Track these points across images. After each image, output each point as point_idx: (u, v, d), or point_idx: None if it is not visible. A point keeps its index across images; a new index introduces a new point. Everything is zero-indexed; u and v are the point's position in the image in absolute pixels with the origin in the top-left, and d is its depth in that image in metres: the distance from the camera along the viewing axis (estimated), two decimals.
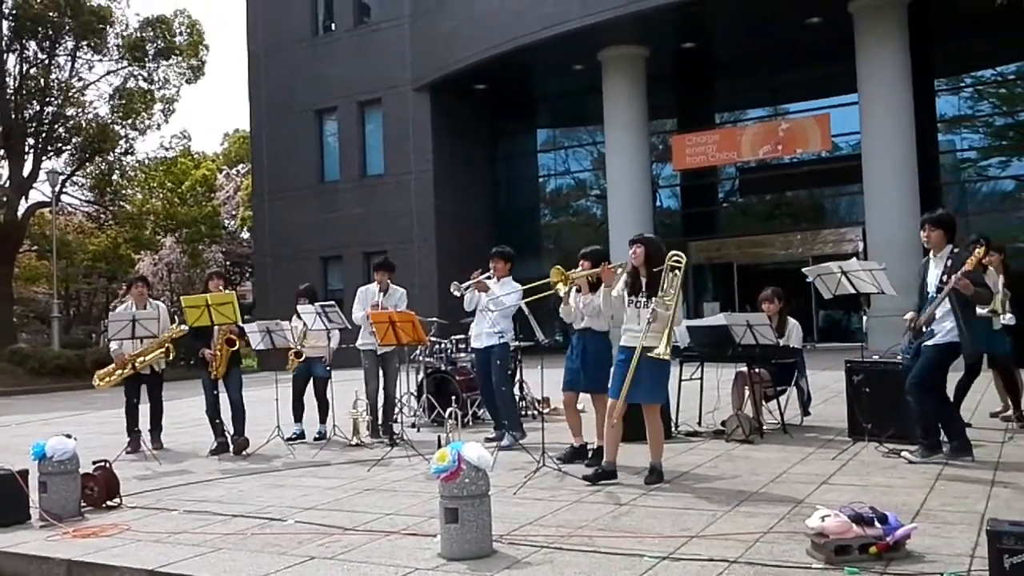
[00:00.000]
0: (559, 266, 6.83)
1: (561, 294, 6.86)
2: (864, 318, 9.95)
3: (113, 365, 9.09)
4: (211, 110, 77.66)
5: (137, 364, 8.94)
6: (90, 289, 38.11)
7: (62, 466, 6.01)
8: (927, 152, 20.98)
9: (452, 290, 8.15)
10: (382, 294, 9.05)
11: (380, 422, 9.00)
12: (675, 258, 6.09)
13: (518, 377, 10.51)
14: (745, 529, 4.77)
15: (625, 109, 22.37)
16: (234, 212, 38.69)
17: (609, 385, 6.30)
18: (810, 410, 8.83)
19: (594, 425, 7.07)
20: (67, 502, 6.01)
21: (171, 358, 9.38)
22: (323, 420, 9.39)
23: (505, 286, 8.14)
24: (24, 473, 6.03)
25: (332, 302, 9.28)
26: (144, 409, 9.24)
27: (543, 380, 7.29)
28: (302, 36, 27.26)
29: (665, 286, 6.06)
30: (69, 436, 6.28)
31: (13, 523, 5.83)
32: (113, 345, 9.15)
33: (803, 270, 7.65)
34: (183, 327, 9.01)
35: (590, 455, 7.00)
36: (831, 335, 22.68)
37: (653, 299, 6.07)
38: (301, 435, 9.33)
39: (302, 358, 9.36)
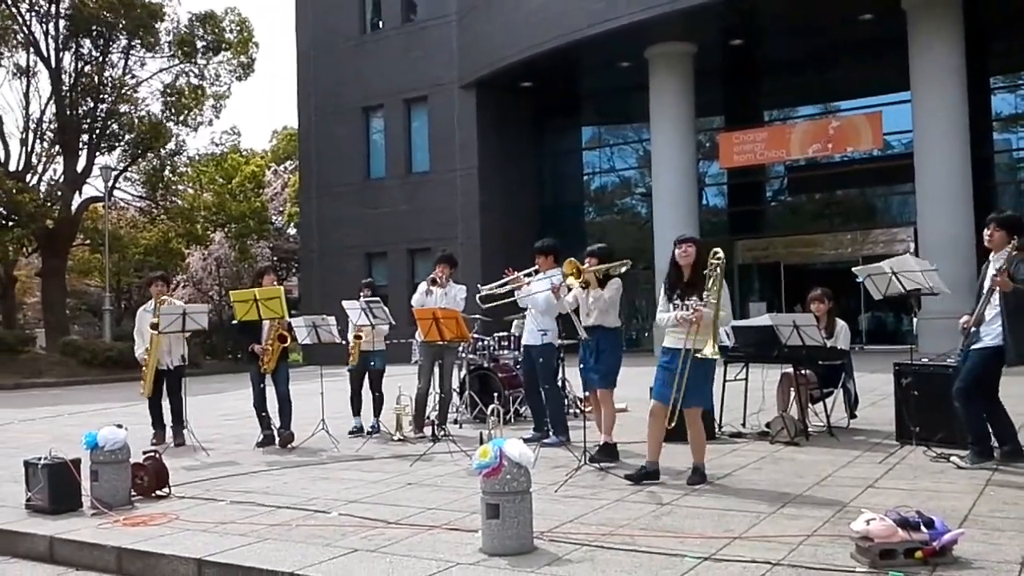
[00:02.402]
0: (573, 259, 6.84)
1: (573, 286, 6.89)
2: (914, 320, 9.79)
3: (143, 371, 9.28)
4: (260, 107, 78.70)
5: (152, 361, 9.11)
6: (141, 283, 38.76)
7: (113, 456, 6.15)
8: (982, 151, 20.57)
9: (482, 297, 8.19)
10: (439, 289, 9.03)
11: (436, 419, 8.97)
12: (717, 255, 6.05)
13: (560, 375, 10.50)
14: (789, 531, 4.73)
15: (672, 106, 22.21)
16: (281, 208, 39.13)
17: (653, 386, 6.27)
18: (857, 413, 8.70)
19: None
20: (118, 491, 6.14)
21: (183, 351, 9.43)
22: (377, 414, 9.50)
23: (546, 281, 8.09)
24: (77, 462, 6.18)
25: (377, 298, 9.34)
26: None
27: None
28: (350, 34, 27.52)
29: (709, 285, 6.02)
30: (120, 426, 6.40)
31: (66, 511, 5.98)
32: (139, 351, 9.37)
33: (854, 269, 7.54)
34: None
35: (596, 449, 6.96)
36: (880, 337, 22.33)
37: (693, 299, 6.04)
38: (361, 429, 9.44)
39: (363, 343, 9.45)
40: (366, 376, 9.63)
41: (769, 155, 22.79)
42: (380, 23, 27.65)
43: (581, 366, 7.21)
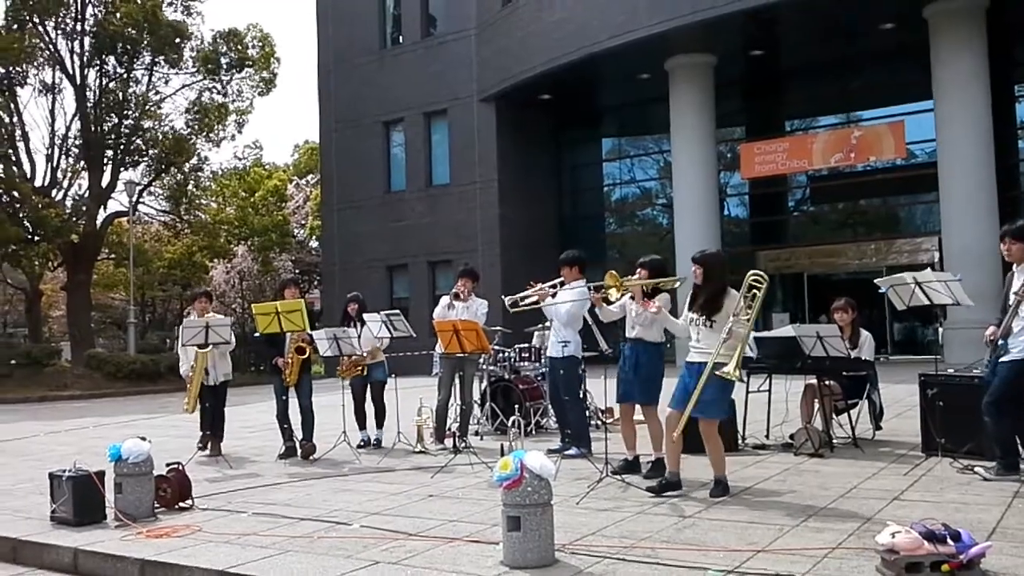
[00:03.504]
0: (614, 271, 6.80)
1: (611, 299, 6.82)
2: (940, 330, 9.70)
3: (188, 386, 9.36)
4: (282, 121, 79.30)
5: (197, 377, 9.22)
6: (165, 296, 39.12)
7: (137, 468, 6.19)
8: (1006, 160, 20.37)
9: (508, 305, 8.17)
10: (461, 303, 9.06)
11: (456, 431, 9.00)
12: (755, 278, 6.03)
13: (582, 387, 10.47)
14: (813, 544, 4.68)
15: (692, 117, 22.17)
16: (303, 221, 39.37)
17: (672, 395, 6.24)
18: (882, 424, 8.62)
19: (648, 437, 7.03)
20: (141, 503, 6.18)
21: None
22: (379, 425, 9.51)
23: (572, 292, 8.06)
24: (101, 474, 6.23)
25: (397, 310, 9.37)
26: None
27: (606, 390, 7.25)
28: (370, 49, 27.70)
29: (743, 304, 5.99)
30: (144, 439, 6.46)
31: (90, 523, 6.03)
32: (184, 368, 9.48)
33: (876, 281, 7.48)
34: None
35: (649, 467, 6.95)
36: (905, 347, 22.12)
37: (725, 317, 6.01)
38: (368, 442, 9.44)
39: (364, 372, 9.48)
40: (368, 387, 9.64)
41: (791, 165, 22.69)
42: (400, 38, 27.81)
43: (620, 375, 7.11)
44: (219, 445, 9.26)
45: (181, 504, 6.46)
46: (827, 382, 8.05)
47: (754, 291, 6.00)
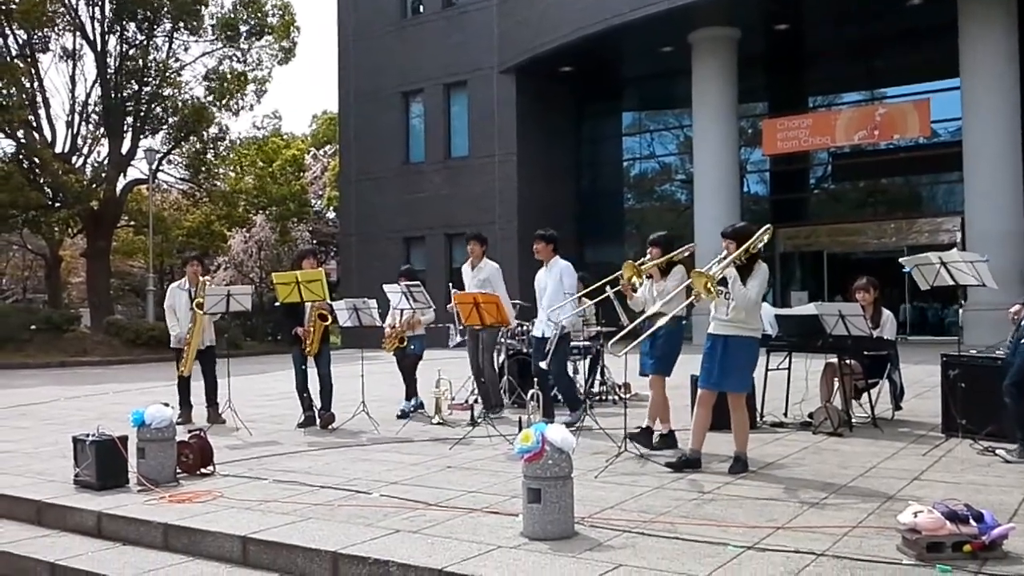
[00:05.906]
0: (630, 261, 6.82)
1: (637, 288, 6.88)
2: (960, 311, 9.64)
3: (184, 351, 9.39)
4: (301, 91, 79.15)
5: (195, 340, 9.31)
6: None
7: (160, 433, 6.25)
8: None
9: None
10: (470, 268, 9.16)
11: (481, 401, 9.09)
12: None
13: (600, 363, 10.49)
14: (833, 522, 4.68)
15: (714, 92, 21.94)
16: (321, 192, 39.38)
17: (700, 374, 6.24)
18: (902, 404, 8.59)
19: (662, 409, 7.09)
20: (163, 468, 6.24)
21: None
22: (408, 397, 9.59)
23: (553, 269, 8.19)
24: (124, 439, 6.30)
25: (417, 282, 9.38)
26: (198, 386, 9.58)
27: (626, 365, 7.24)
28: (391, 19, 27.54)
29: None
30: (167, 405, 6.51)
31: (113, 487, 6.10)
32: (175, 329, 9.48)
33: (901, 260, 7.43)
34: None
35: (656, 438, 7.00)
36: (924, 328, 21.99)
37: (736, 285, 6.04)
38: (422, 405, 9.58)
39: (405, 343, 9.55)
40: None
41: (813, 142, 22.44)
42: (421, 7, 27.64)
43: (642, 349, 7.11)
44: (219, 412, 9.28)
45: (203, 470, 6.52)
46: (848, 361, 8.02)
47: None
